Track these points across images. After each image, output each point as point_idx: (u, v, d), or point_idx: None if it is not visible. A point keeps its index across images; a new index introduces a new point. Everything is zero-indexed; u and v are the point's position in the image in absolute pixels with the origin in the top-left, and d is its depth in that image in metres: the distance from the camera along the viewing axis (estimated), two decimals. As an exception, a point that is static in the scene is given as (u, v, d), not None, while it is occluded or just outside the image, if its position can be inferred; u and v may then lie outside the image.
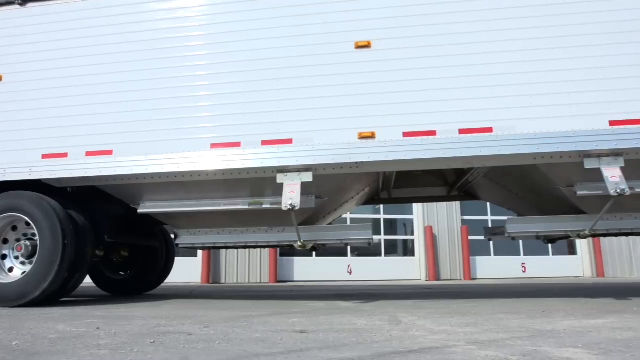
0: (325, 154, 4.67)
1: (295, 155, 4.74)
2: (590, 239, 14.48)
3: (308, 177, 4.82)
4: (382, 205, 14.67)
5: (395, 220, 15.30)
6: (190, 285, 12.01)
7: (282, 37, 4.98)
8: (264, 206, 5.21)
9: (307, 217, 5.52)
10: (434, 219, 14.64)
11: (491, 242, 14.63)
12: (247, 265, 13.99)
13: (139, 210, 5.53)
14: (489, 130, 4.46)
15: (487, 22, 4.69)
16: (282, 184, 4.90)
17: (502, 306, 4.71)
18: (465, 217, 14.72)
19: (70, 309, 4.81)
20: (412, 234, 14.97)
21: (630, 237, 14.60)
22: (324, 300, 5.93)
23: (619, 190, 4.29)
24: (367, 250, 15.03)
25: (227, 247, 6.13)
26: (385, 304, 5.21)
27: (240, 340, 2.67)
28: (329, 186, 5.15)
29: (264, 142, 4.84)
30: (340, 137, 4.67)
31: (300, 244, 5.32)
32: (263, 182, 5.12)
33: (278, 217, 5.42)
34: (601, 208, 4.68)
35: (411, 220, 15.07)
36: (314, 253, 14.36)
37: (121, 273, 7.66)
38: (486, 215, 14.84)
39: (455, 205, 14.61)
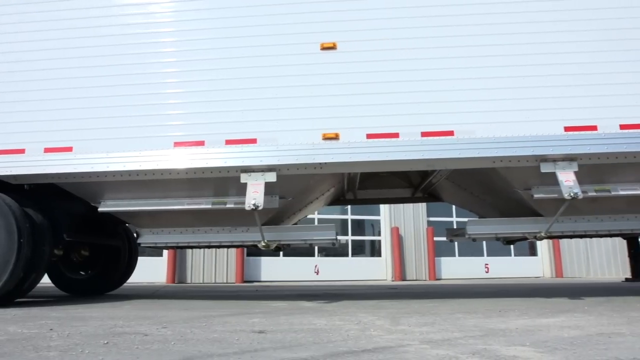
0: (289, 154, 4.67)
1: (259, 155, 4.73)
2: (550, 241, 14.91)
3: (272, 177, 4.82)
4: (349, 206, 14.76)
5: (362, 221, 15.43)
6: (155, 285, 11.82)
7: (247, 36, 4.97)
8: (227, 206, 5.18)
9: (271, 217, 5.51)
10: (401, 220, 14.83)
11: (455, 244, 14.90)
12: (213, 265, 13.87)
13: (100, 209, 5.42)
14: (450, 133, 4.55)
15: (449, 28, 4.78)
16: (245, 184, 4.88)
17: (462, 306, 4.80)
18: (431, 219, 14.96)
19: (25, 309, 4.68)
20: (379, 234, 15.12)
21: (587, 239, 15.09)
22: (287, 300, 5.93)
23: (572, 194, 4.44)
24: (335, 250, 15.10)
25: (190, 247, 6.07)
26: (348, 304, 5.25)
27: (196, 340, 2.65)
28: (293, 186, 5.16)
29: (228, 142, 4.81)
30: (304, 137, 4.69)
31: (264, 244, 5.31)
32: (227, 181, 5.09)
33: (242, 217, 5.39)
34: (556, 211, 4.83)
35: (378, 221, 15.21)
36: (281, 253, 14.35)
37: (82, 273, 7.48)
38: (451, 216, 15.11)
39: (421, 206, 14.83)
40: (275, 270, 14.24)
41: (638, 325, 3.14)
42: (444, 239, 14.71)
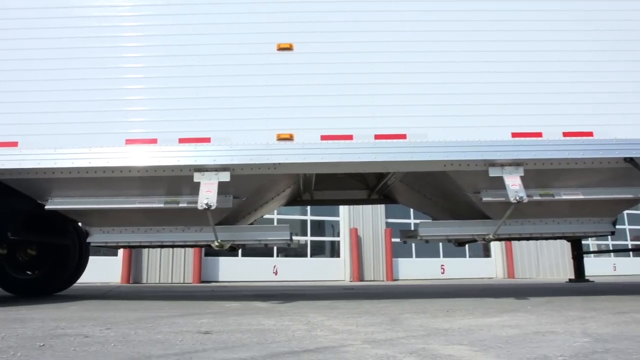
0: (243, 154, 4.65)
1: (213, 155, 4.69)
2: (503, 243, 15.38)
3: (225, 176, 4.79)
4: (309, 207, 14.80)
5: (323, 221, 15.49)
6: (108, 285, 11.52)
7: (204, 34, 4.92)
8: (180, 205, 5.11)
9: (226, 216, 5.47)
10: (360, 221, 14.97)
11: (413, 245, 15.15)
12: (170, 265, 13.63)
13: (47, 207, 5.25)
14: (403, 136, 4.63)
15: (406, 33, 4.87)
16: (199, 183, 4.83)
17: (412, 306, 4.89)
18: (389, 220, 15.17)
19: (-37, 310, 4.49)
20: (339, 235, 15.22)
21: (538, 242, 15.64)
22: (242, 300, 5.89)
23: (517, 198, 4.60)
24: (294, 251, 15.10)
25: (142, 246, 5.96)
26: (302, 304, 5.27)
27: (138, 342, 2.61)
28: (248, 186, 5.14)
29: (182, 140, 4.75)
30: (259, 137, 4.68)
31: (217, 244, 5.26)
32: (180, 180, 5.03)
33: (195, 217, 5.33)
34: (504, 214, 4.99)
35: (338, 222, 15.31)
36: (239, 253, 14.25)
37: (28, 273, 7.21)
38: (409, 218, 15.36)
39: (380, 208, 15.02)
40: (234, 270, 14.12)
41: (573, 324, 3.27)
42: (402, 240, 14.98)
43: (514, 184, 4.66)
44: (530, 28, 4.92)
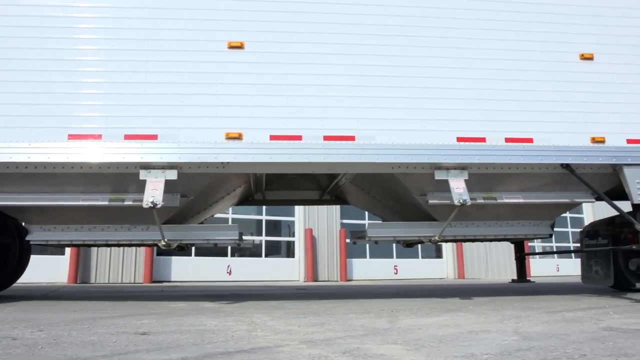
0: (190, 152, 4.59)
1: (160, 152, 4.61)
2: (454, 244, 15.77)
3: (172, 174, 4.70)
4: (264, 207, 14.73)
5: (279, 221, 15.45)
6: (53, 285, 11.10)
7: (153, 29, 4.82)
8: (125, 203, 4.99)
9: (173, 215, 5.38)
10: (315, 221, 15.01)
11: (367, 246, 15.32)
12: (120, 264, 13.25)
13: (-18, 203, 5.01)
14: (352, 138, 4.68)
15: (355, 36, 4.92)
16: (145, 181, 4.73)
17: (359, 306, 4.94)
18: (344, 221, 15.28)
19: None
20: (294, 235, 15.22)
21: (487, 244, 16.10)
22: (189, 300, 5.81)
23: (461, 201, 4.73)
24: (249, 250, 15.00)
25: (85, 245, 5.79)
26: (250, 304, 5.24)
27: (69, 344, 2.53)
28: (196, 185, 5.07)
29: (127, 137, 4.64)
30: (207, 136, 4.62)
31: (164, 243, 5.16)
32: (126, 177, 4.90)
33: (142, 215, 5.22)
34: (449, 216, 5.12)
35: (294, 222, 15.31)
36: (192, 253, 14.03)
37: (-37, 272, 6.85)
38: (364, 219, 15.50)
39: (335, 209, 15.11)
40: (187, 270, 13.88)
41: (507, 323, 3.40)
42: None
43: (458, 187, 4.79)
44: (475, 36, 5.07)
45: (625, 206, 5.44)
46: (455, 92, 4.91)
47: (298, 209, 15.11)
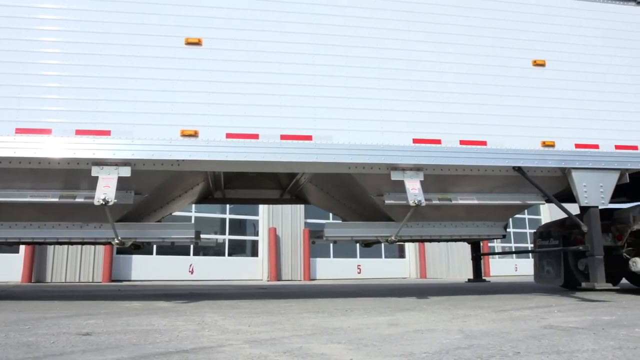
0: (144, 149, 4.50)
1: (113, 148, 4.50)
2: (417, 244, 15.99)
3: (126, 171, 4.61)
4: (228, 205, 14.60)
5: (245, 220, 15.33)
6: (5, 284, 10.72)
7: (109, 22, 4.70)
8: (77, 200, 4.86)
9: (128, 213, 5.27)
10: (279, 220, 14.97)
11: (331, 245, 15.36)
12: (77, 263, 12.89)
13: None
14: (309, 138, 4.68)
15: (314, 36, 4.92)
16: (97, 177, 4.61)
17: (315, 305, 4.95)
18: (309, 220, 15.29)
19: None
20: (258, 234, 15.15)
21: (448, 244, 16.39)
22: (145, 300, 5.70)
23: (416, 201, 4.79)
24: (212, 249, 14.84)
25: (35, 243, 5.62)
26: (206, 304, 5.18)
27: (2, 345, 2.45)
28: (151, 182, 4.98)
29: (79, 132, 4.51)
30: (162, 133, 4.54)
31: (117, 241, 5.05)
32: (78, 174, 4.78)
33: (95, 213, 5.09)
34: (405, 216, 5.18)
35: (258, 221, 15.23)
36: (154, 251, 13.78)
37: None
38: (328, 219, 15.56)
39: (300, 208, 15.10)
40: (148, 269, 13.62)
41: (455, 322, 3.46)
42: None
43: (413, 187, 4.85)
44: (432, 40, 5.14)
45: (575, 209, 5.63)
46: (412, 94, 4.97)
47: (262, 208, 15.03)
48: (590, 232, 5.22)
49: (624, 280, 7.79)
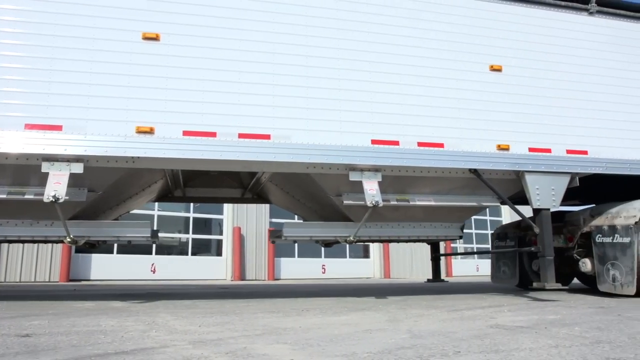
0: (98, 145, 4.38)
1: (64, 144, 4.36)
2: (381, 244, 16.14)
3: (78, 168, 4.48)
4: (192, 204, 14.40)
5: (210, 219, 15.16)
6: (-47, 283, 10.30)
7: (61, 13, 4.55)
8: (26, 197, 4.71)
9: (81, 210, 5.14)
10: (243, 219, 14.86)
11: (295, 245, 15.35)
12: (33, 262, 12.47)
13: None
14: (267, 137, 4.66)
15: (274, 34, 4.90)
16: (48, 174, 4.47)
17: (273, 305, 4.93)
18: (274, 220, 15.23)
19: None
20: (222, 233, 15.00)
21: (412, 244, 16.60)
22: (100, 300, 5.56)
23: (374, 202, 4.83)
24: (175, 248, 14.63)
25: (-18, 241, 5.40)
26: (162, 304, 5.10)
27: None
28: (105, 179, 4.87)
29: (28, 126, 4.36)
30: (116, 129, 4.44)
31: (69, 240, 4.91)
32: (27, 169, 4.62)
33: (46, 210, 4.94)
34: (364, 217, 5.22)
35: (223, 220, 15.08)
36: (114, 250, 13.48)
37: None
38: (293, 218, 15.54)
39: (265, 207, 15.03)
40: (108, 268, 13.30)
41: (406, 322, 3.50)
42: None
43: (371, 188, 4.88)
44: (392, 43, 5.19)
45: (530, 211, 5.78)
46: (371, 95, 5.00)
47: (227, 207, 14.89)
48: (542, 233, 5.37)
49: (575, 281, 8.05)
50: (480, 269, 18.46)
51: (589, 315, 3.82)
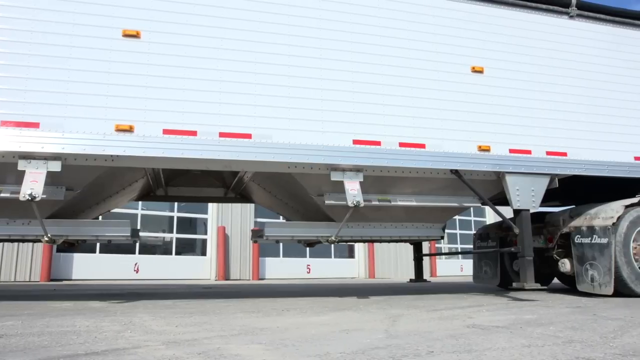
0: (76, 143, 4.32)
1: (42, 142, 4.30)
2: (366, 244, 16.18)
3: (56, 166, 4.42)
4: (176, 203, 14.30)
5: (195, 219, 15.07)
6: None
7: (39, 9, 4.48)
8: (2, 195, 4.63)
9: (60, 209, 5.07)
10: (228, 219, 14.79)
11: (280, 245, 15.32)
12: (13, 261, 12.29)
13: None
14: (248, 136, 4.63)
15: (255, 33, 4.87)
16: (24, 172, 4.40)
17: (253, 305, 4.91)
18: (259, 219, 15.18)
19: None
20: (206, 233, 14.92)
21: (397, 244, 16.66)
22: (80, 300, 5.49)
23: (355, 202, 4.83)
24: (159, 248, 14.52)
25: (-43, 240, 5.30)
26: (141, 304, 5.05)
27: None
28: (83, 178, 4.80)
29: (4, 123, 4.28)
30: (95, 126, 4.38)
31: (47, 239, 4.84)
32: (3, 167, 4.54)
33: (23, 209, 4.86)
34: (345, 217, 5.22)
35: (207, 220, 15.00)
36: (97, 249, 13.34)
37: None
38: (278, 218, 15.52)
39: (250, 207, 14.98)
40: (91, 267, 13.16)
41: (385, 322, 3.50)
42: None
43: (352, 188, 4.88)
44: (373, 43, 5.19)
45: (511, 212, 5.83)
46: (353, 95, 5.00)
47: (212, 207, 14.82)
48: (522, 234, 5.42)
49: (556, 280, 8.14)
50: (464, 269, 18.60)
51: (565, 315, 3.86)
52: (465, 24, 5.55)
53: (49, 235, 4.81)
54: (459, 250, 18.45)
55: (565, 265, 6.06)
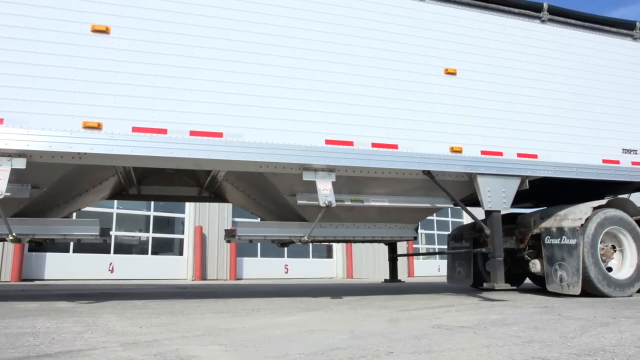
0: (42, 140, 4.23)
1: (5, 138, 4.19)
2: (344, 244, 16.21)
3: (21, 163, 4.32)
4: (153, 202, 14.13)
5: (173, 218, 14.90)
6: None
7: (3, 1, 4.37)
8: (-36, 193, 4.50)
9: (25, 207, 4.96)
10: (205, 218, 14.67)
11: (258, 245, 15.25)
12: (-17, 261, 12.02)
13: None
14: (219, 135, 4.59)
15: (227, 31, 4.83)
16: (-11, 169, 4.29)
17: (224, 305, 4.87)
18: (236, 219, 15.08)
19: None
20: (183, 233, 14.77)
21: (375, 244, 16.72)
22: (48, 300, 5.38)
23: (327, 202, 4.82)
24: (135, 247, 14.33)
25: None
26: (110, 304, 4.97)
27: None
28: (50, 176, 4.71)
29: (-34, 119, 4.18)
30: (62, 123, 4.29)
31: (12, 237, 4.72)
32: (-34, 164, 4.42)
33: (-13, 206, 4.74)
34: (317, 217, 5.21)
35: (184, 219, 14.85)
36: (70, 249, 13.10)
37: None
38: (255, 218, 15.45)
39: (227, 206, 14.88)
40: (64, 267, 12.92)
41: (352, 322, 3.50)
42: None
43: (324, 188, 4.87)
44: (347, 43, 5.19)
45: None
46: (326, 95, 4.99)
47: (189, 206, 14.68)
48: (492, 234, 5.47)
49: (527, 281, 8.25)
50: (441, 269, 18.75)
51: (530, 315, 3.91)
52: (440, 26, 5.59)
53: (13, 234, 4.70)
54: (437, 251, 18.60)
55: (535, 265, 6.15)
